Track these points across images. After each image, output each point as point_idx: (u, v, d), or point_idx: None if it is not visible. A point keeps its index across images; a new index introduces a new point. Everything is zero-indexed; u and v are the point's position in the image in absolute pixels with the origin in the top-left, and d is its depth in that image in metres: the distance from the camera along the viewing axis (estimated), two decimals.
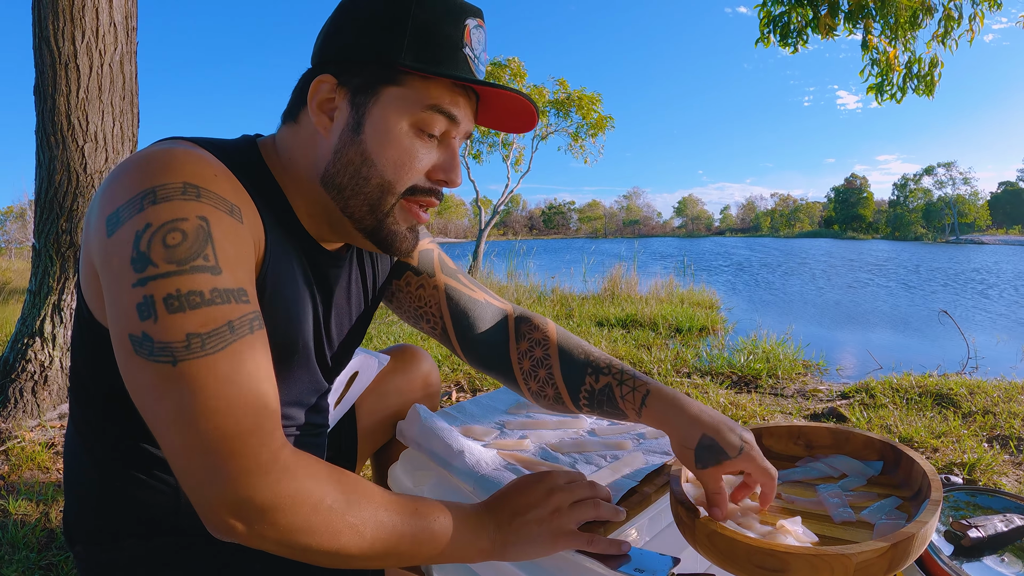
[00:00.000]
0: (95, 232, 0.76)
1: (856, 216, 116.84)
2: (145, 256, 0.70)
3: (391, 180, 0.90)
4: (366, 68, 0.88)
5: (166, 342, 0.68)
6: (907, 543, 0.79)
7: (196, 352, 0.69)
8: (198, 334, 0.69)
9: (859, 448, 1.13)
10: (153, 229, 0.71)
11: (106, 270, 0.74)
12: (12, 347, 3.18)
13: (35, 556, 1.95)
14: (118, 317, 0.72)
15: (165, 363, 0.68)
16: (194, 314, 0.69)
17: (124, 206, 0.72)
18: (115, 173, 0.78)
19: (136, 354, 0.70)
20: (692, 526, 0.85)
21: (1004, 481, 2.56)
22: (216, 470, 0.68)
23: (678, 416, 0.98)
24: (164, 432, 0.70)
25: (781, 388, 4.14)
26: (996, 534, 1.11)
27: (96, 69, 3.09)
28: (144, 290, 0.69)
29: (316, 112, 0.89)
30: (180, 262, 0.70)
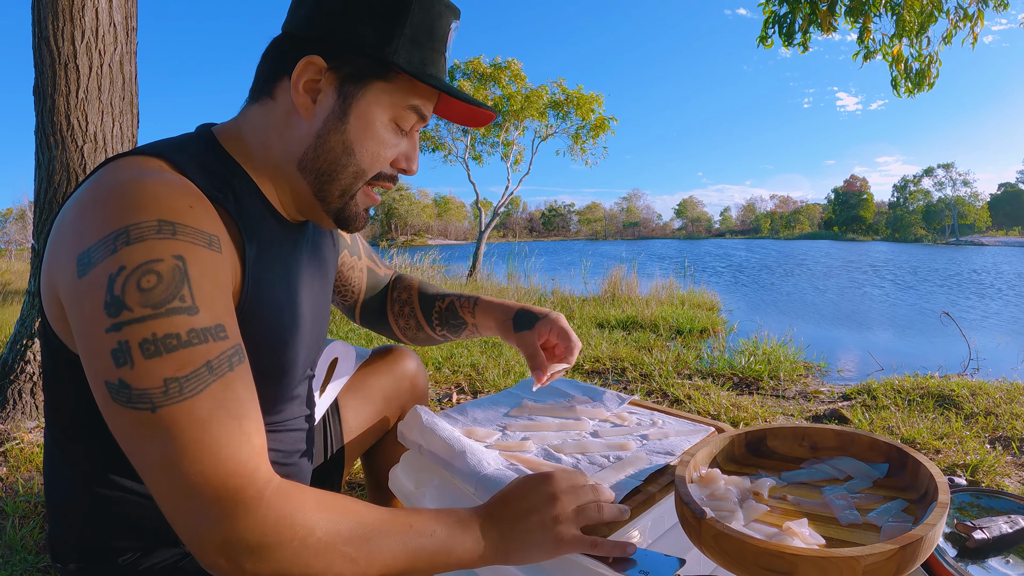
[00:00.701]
0: (63, 269, 0.74)
1: (856, 218, 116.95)
2: (119, 300, 0.68)
3: (365, 169, 0.93)
4: (359, 59, 0.88)
5: (144, 388, 0.67)
6: (915, 545, 0.78)
7: (174, 397, 0.68)
8: (176, 378, 0.68)
9: (864, 450, 1.12)
10: (127, 272, 0.69)
11: (77, 311, 0.72)
12: (11, 348, 3.17)
13: (33, 559, 1.94)
14: (93, 361, 0.70)
15: (144, 410, 0.67)
16: (171, 358, 0.68)
17: (95, 246, 0.70)
18: (83, 203, 0.76)
19: (114, 401, 0.69)
20: (698, 527, 0.84)
21: (1007, 482, 2.55)
22: (202, 513, 0.67)
23: (500, 306, 1.34)
24: (149, 476, 0.69)
25: (782, 390, 4.13)
26: (1001, 536, 1.10)
27: (96, 69, 3.08)
28: (119, 335, 0.68)
29: (300, 93, 0.89)
30: (156, 305, 0.69)
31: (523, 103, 16.59)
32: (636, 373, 4.46)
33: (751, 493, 1.00)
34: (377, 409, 1.50)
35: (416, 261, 10.86)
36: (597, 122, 17.23)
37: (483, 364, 4.55)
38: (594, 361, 4.83)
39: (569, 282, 11.33)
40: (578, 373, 4.53)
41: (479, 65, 17.07)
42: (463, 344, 5.32)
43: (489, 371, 4.36)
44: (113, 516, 0.91)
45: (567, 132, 17.84)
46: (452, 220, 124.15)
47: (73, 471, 0.92)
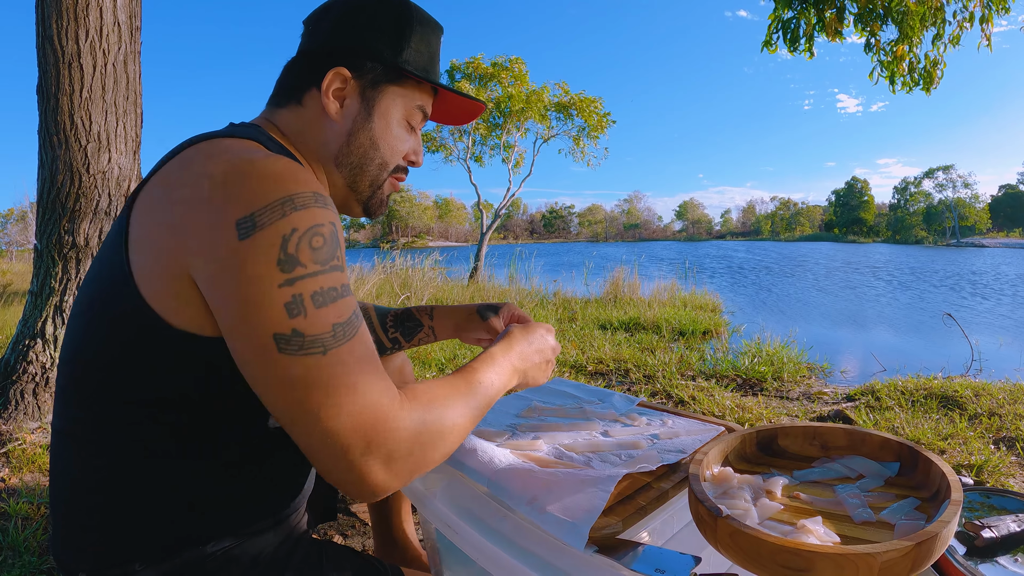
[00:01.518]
0: (203, 234, 0.78)
1: (857, 219, 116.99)
2: (294, 258, 0.76)
3: (387, 161, 1.09)
4: (376, 68, 1.04)
5: (316, 335, 0.76)
6: (930, 543, 0.77)
7: (340, 339, 0.78)
8: (340, 323, 0.78)
9: (875, 449, 1.11)
10: (300, 233, 0.77)
11: (231, 272, 0.76)
12: (13, 349, 3.16)
13: (36, 560, 1.94)
14: (256, 317, 0.76)
15: (316, 354, 0.76)
16: (335, 306, 0.78)
17: (260, 211, 0.76)
18: (218, 177, 0.80)
19: (281, 352, 0.75)
20: (714, 525, 0.84)
21: (1012, 482, 2.54)
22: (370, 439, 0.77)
23: (457, 307, 1.50)
24: (312, 421, 0.76)
25: (786, 391, 4.13)
26: (1010, 534, 1.10)
27: (99, 69, 3.08)
28: (293, 289, 0.76)
29: (330, 99, 1.02)
30: (323, 262, 0.78)
31: (524, 103, 16.58)
32: (640, 374, 4.46)
33: (764, 491, 1.00)
34: None
35: (418, 263, 10.85)
36: (598, 122, 17.23)
37: None
38: (597, 362, 4.83)
39: (570, 284, 11.33)
40: (581, 374, 4.53)
41: (479, 65, 17.06)
42: (464, 345, 5.32)
43: None
44: (133, 516, 0.89)
45: (568, 134, 17.84)
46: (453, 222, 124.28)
47: (95, 466, 0.89)
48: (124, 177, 3.25)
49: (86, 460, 0.90)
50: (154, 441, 0.88)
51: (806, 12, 5.22)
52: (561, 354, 5.06)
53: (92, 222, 3.13)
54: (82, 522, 0.91)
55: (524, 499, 1.01)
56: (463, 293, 9.85)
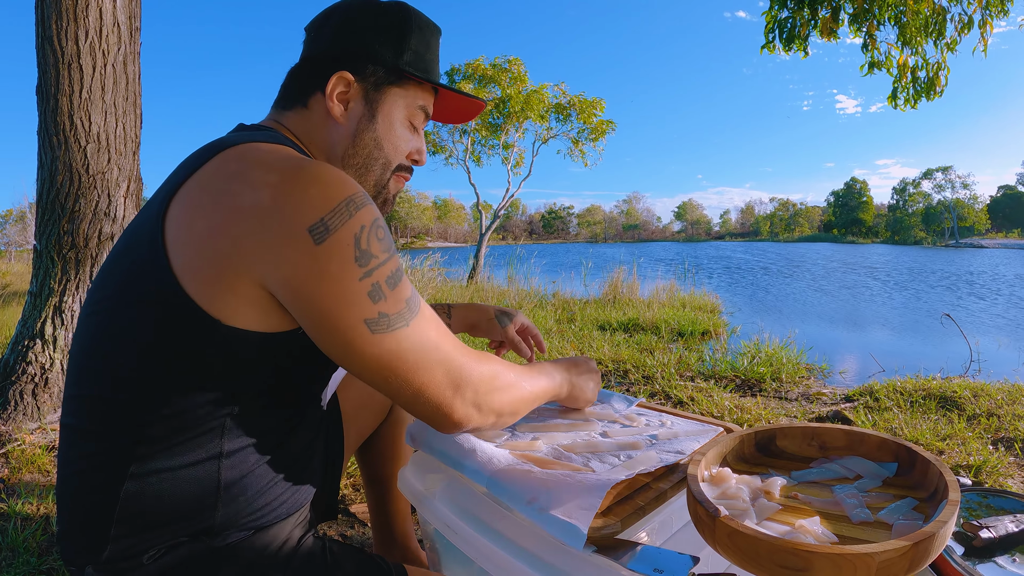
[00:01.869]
0: (285, 245, 0.83)
1: (856, 220, 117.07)
2: (367, 252, 0.85)
3: (391, 160, 1.14)
4: (378, 71, 1.09)
5: (398, 312, 0.88)
6: (928, 542, 0.77)
7: (414, 309, 0.91)
8: (410, 297, 0.91)
9: (873, 450, 1.12)
10: (368, 229, 0.86)
11: (319, 274, 0.83)
12: (12, 349, 3.17)
13: (36, 560, 1.94)
14: (346, 309, 0.85)
15: (401, 328, 0.88)
16: (403, 285, 0.90)
17: (329, 215, 0.83)
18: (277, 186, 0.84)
19: (375, 333, 0.86)
20: (712, 526, 0.84)
21: (1010, 483, 2.55)
22: (458, 380, 0.94)
23: (476, 308, 1.62)
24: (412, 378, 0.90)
25: (785, 391, 4.13)
26: (1008, 534, 1.10)
27: (99, 69, 3.08)
28: (371, 279, 0.85)
29: (335, 102, 1.07)
30: (388, 250, 0.89)
31: (523, 104, 16.58)
32: (639, 375, 4.46)
33: (762, 492, 1.00)
34: (374, 399, 1.56)
35: (417, 264, 10.85)
36: (598, 126, 17.24)
37: None
38: (596, 363, 4.83)
39: (569, 284, 11.33)
40: None
41: (479, 66, 17.07)
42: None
43: None
44: (142, 510, 0.90)
45: (567, 135, 17.85)
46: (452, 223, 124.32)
47: (104, 461, 0.90)
48: (124, 178, 3.25)
49: (93, 454, 0.91)
50: (160, 436, 0.89)
51: (800, 11, 5.23)
52: (560, 354, 5.09)
53: (92, 223, 3.14)
54: (89, 516, 0.92)
55: (523, 499, 1.01)
56: (462, 293, 9.85)
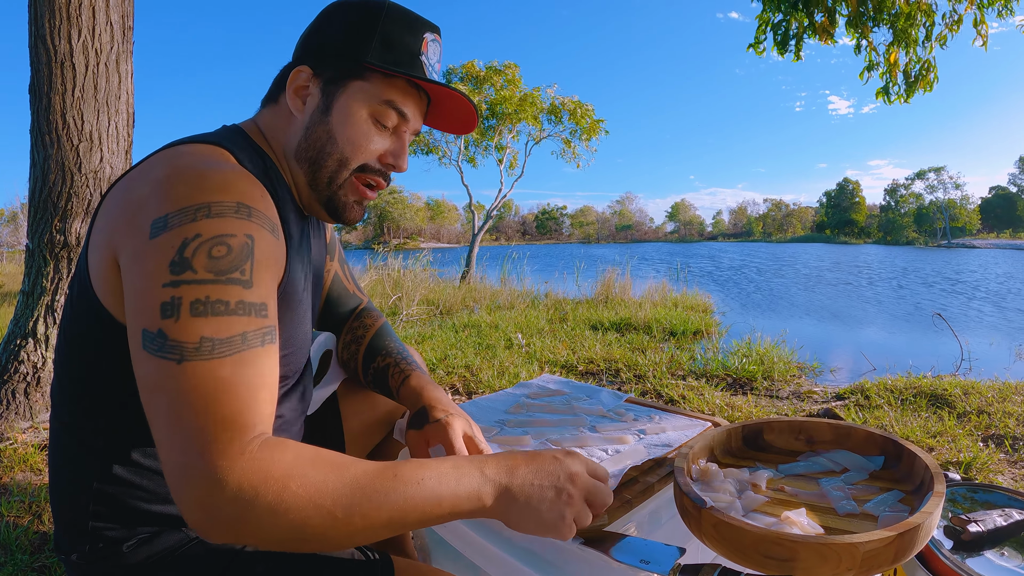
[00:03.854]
0: (132, 233, 0.79)
1: (848, 221, 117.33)
2: (187, 261, 0.75)
3: (348, 157, 1.05)
4: (338, 63, 1.04)
5: (180, 341, 0.72)
6: (912, 533, 0.79)
7: (204, 354, 0.72)
8: (211, 338, 0.73)
9: (860, 443, 1.13)
10: (202, 240, 0.76)
11: (136, 267, 0.77)
12: (4, 348, 3.15)
13: (28, 559, 1.94)
14: (138, 312, 0.76)
15: (171, 360, 0.72)
16: (214, 320, 0.74)
17: (175, 214, 0.77)
18: (160, 179, 0.82)
19: (143, 348, 0.74)
20: (698, 517, 0.85)
21: (1000, 479, 2.57)
22: (190, 463, 0.69)
23: (416, 393, 1.25)
24: (156, 426, 0.72)
25: (776, 390, 4.15)
26: (995, 529, 1.11)
27: (92, 68, 3.08)
28: (174, 291, 0.74)
29: (292, 96, 1.05)
30: (218, 272, 0.75)
31: (517, 106, 16.60)
32: (630, 374, 4.47)
33: (749, 484, 1.01)
34: (378, 411, 1.52)
35: (409, 265, 10.85)
36: (591, 126, 17.27)
37: (477, 365, 4.56)
38: (588, 362, 4.85)
39: (562, 284, 11.34)
40: (572, 374, 4.55)
41: (473, 68, 17.09)
42: (457, 346, 5.33)
43: (483, 372, 4.37)
44: (120, 499, 0.93)
45: (559, 136, 17.87)
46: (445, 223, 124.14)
47: (84, 453, 0.93)
48: (116, 177, 3.25)
49: (81, 441, 0.94)
50: (124, 430, 0.92)
51: (796, 15, 5.25)
52: (552, 354, 5.10)
53: (84, 221, 3.13)
54: (69, 508, 0.96)
55: None
56: (455, 294, 9.85)
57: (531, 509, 0.83)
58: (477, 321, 6.90)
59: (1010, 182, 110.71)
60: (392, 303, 8.43)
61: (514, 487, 0.83)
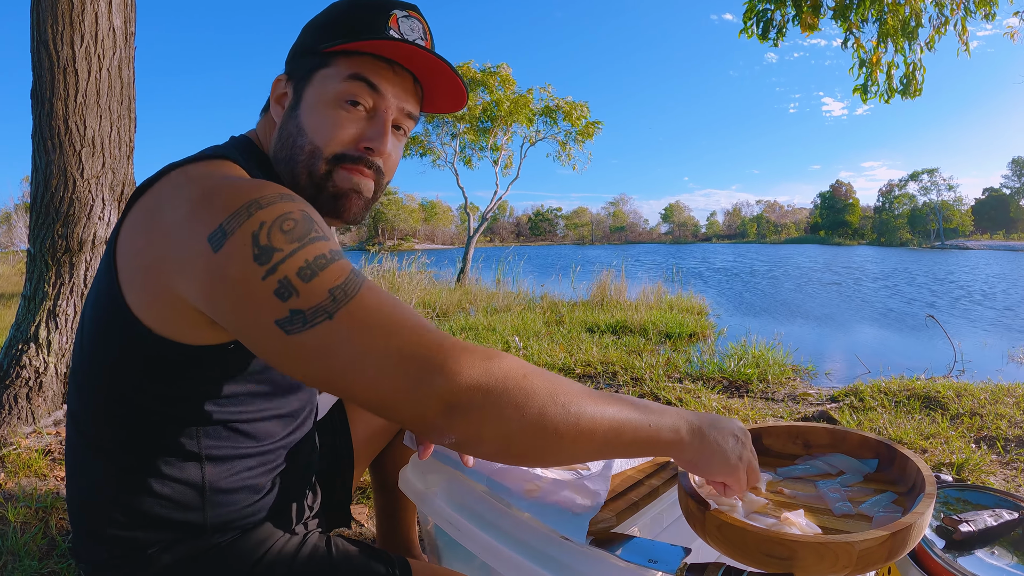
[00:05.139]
0: (185, 259, 0.79)
1: (842, 222, 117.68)
2: (268, 247, 0.75)
3: (319, 145, 0.99)
4: (303, 60, 1.02)
5: (315, 305, 0.74)
6: (905, 532, 0.82)
7: (342, 300, 0.75)
8: (337, 285, 0.76)
9: (855, 447, 1.17)
10: (268, 224, 0.77)
11: (222, 282, 0.77)
12: (6, 353, 3.17)
13: (37, 564, 1.95)
14: (255, 314, 0.76)
15: (323, 322, 0.74)
16: (326, 273, 0.76)
17: (228, 220, 0.77)
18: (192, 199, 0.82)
19: (290, 334, 0.74)
20: (702, 518, 0.89)
21: (992, 480, 2.61)
22: (420, 376, 0.72)
23: None
24: (352, 376, 0.74)
25: (772, 392, 4.19)
26: (986, 528, 1.15)
27: (94, 74, 3.10)
28: (276, 276, 0.75)
29: (274, 104, 1.06)
30: (300, 238, 0.77)
31: (511, 108, 16.63)
32: (627, 377, 4.51)
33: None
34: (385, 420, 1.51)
35: (405, 267, 10.87)
36: (585, 128, 17.31)
37: None
38: (585, 365, 4.88)
39: (558, 287, 11.38)
40: (570, 377, 4.58)
41: (468, 70, 17.10)
42: None
43: None
44: (140, 508, 0.94)
45: (555, 138, 17.91)
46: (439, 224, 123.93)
47: (104, 462, 0.95)
48: (118, 182, 3.27)
49: (96, 457, 0.96)
50: (143, 442, 0.93)
51: (783, 4, 5.29)
52: (549, 356, 5.13)
53: (86, 227, 3.15)
54: (87, 518, 0.97)
55: (523, 495, 1.05)
56: (451, 296, 9.88)
57: (719, 449, 0.91)
58: (474, 324, 6.93)
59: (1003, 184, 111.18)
60: None
61: (705, 429, 0.90)
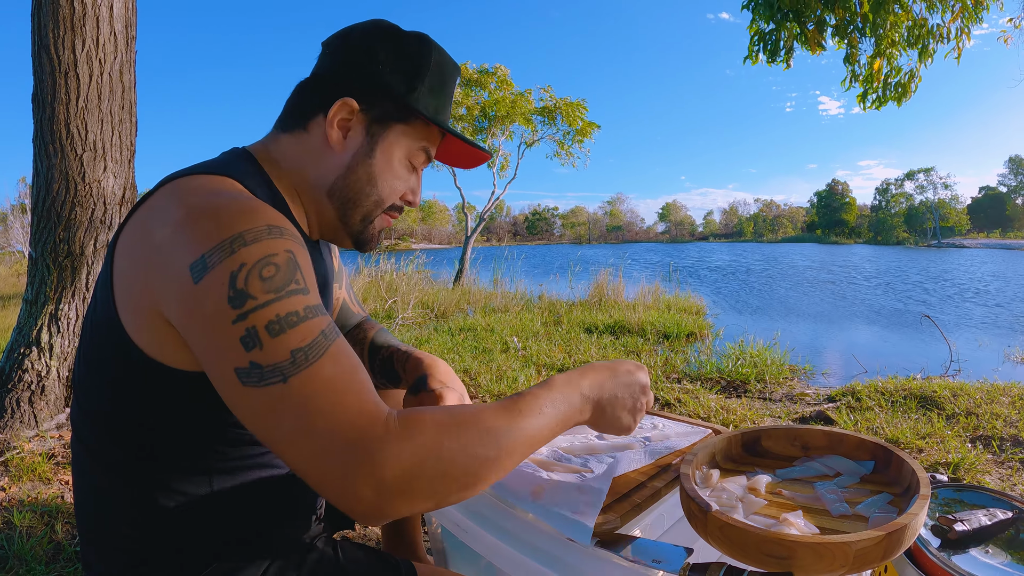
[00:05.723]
0: (167, 281, 0.80)
1: (839, 221, 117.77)
2: (243, 292, 0.75)
3: (384, 199, 1.09)
4: (386, 104, 1.04)
5: (274, 363, 0.74)
6: (900, 532, 0.85)
7: (301, 365, 0.75)
8: (300, 348, 0.75)
9: (852, 449, 1.19)
10: (248, 267, 0.76)
11: (192, 315, 0.78)
12: (8, 357, 3.18)
13: (43, 569, 1.97)
14: (219, 355, 0.76)
15: (276, 383, 0.74)
16: (294, 332, 0.76)
17: (210, 252, 0.77)
18: (179, 220, 0.81)
19: (245, 385, 0.75)
20: (704, 520, 0.91)
21: (987, 479, 2.64)
22: (346, 460, 0.73)
23: (418, 363, 1.30)
24: (289, 447, 0.75)
25: (769, 392, 4.21)
26: (981, 527, 1.17)
27: (96, 78, 3.12)
28: (246, 323, 0.75)
29: (334, 128, 1.03)
30: (277, 290, 0.77)
31: (509, 108, 16.64)
32: None
33: (749, 489, 1.07)
34: None
35: (403, 266, 10.88)
36: (583, 128, 17.32)
37: (475, 370, 4.60)
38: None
39: (555, 286, 11.39)
40: None
41: (465, 70, 17.11)
42: (454, 350, 5.37)
43: (482, 376, 4.41)
44: (146, 520, 0.95)
45: (553, 138, 17.92)
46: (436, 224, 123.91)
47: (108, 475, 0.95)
48: (119, 186, 3.29)
49: (100, 470, 0.96)
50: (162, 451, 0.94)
51: (787, 25, 5.32)
52: (548, 357, 5.14)
53: (88, 231, 3.17)
54: (101, 525, 0.98)
55: (528, 498, 1.08)
56: (449, 297, 9.89)
57: (614, 418, 1.02)
58: (473, 324, 6.94)
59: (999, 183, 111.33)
60: (388, 307, 8.46)
61: (603, 400, 0.99)
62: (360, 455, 0.72)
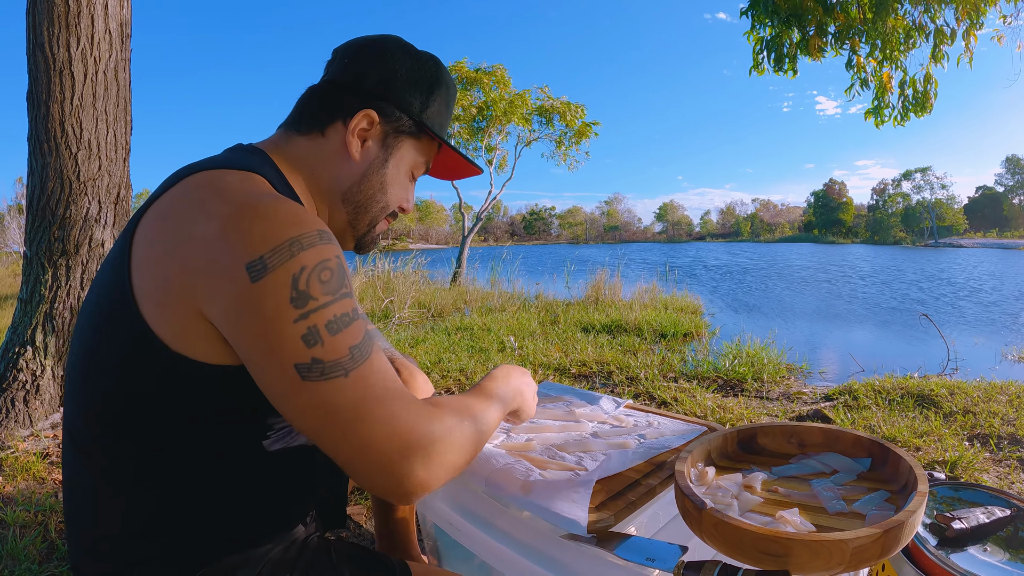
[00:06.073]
0: (217, 278, 0.82)
1: (836, 221, 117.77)
2: (305, 293, 0.81)
3: (389, 205, 1.17)
4: (403, 119, 1.11)
5: (336, 359, 0.82)
6: (897, 530, 0.84)
7: (359, 360, 0.84)
8: (355, 345, 0.84)
9: (849, 446, 1.18)
10: (309, 270, 0.82)
11: (249, 313, 0.81)
12: (3, 356, 3.17)
13: (36, 568, 1.96)
14: (276, 352, 0.81)
15: (337, 377, 0.82)
16: (349, 331, 0.84)
17: (269, 254, 0.81)
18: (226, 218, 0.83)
19: (305, 380, 0.81)
20: (699, 517, 0.90)
21: (984, 477, 2.63)
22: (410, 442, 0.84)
23: None
24: (345, 436, 0.82)
25: (766, 391, 4.21)
26: (978, 525, 1.17)
27: (91, 76, 3.11)
28: (307, 322, 0.81)
29: (354, 137, 1.08)
30: (333, 292, 0.84)
31: (507, 108, 16.62)
32: (622, 376, 4.53)
33: (745, 486, 1.06)
34: None
35: (399, 267, 10.87)
36: (581, 128, 17.31)
37: (472, 369, 4.59)
38: (581, 365, 4.89)
39: (552, 286, 11.39)
40: (565, 377, 4.59)
41: (462, 68, 17.09)
42: (451, 349, 5.37)
43: (478, 375, 4.41)
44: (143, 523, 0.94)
45: (550, 138, 17.91)
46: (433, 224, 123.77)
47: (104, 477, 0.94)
48: (114, 184, 3.28)
49: (96, 472, 0.95)
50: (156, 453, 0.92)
51: (788, 30, 5.31)
52: (545, 356, 5.14)
53: (82, 229, 3.16)
54: (93, 528, 0.97)
55: (519, 495, 1.07)
56: (446, 296, 9.89)
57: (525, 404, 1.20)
58: (469, 324, 6.93)
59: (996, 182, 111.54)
60: (384, 306, 8.46)
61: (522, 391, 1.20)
62: (417, 436, 0.84)
